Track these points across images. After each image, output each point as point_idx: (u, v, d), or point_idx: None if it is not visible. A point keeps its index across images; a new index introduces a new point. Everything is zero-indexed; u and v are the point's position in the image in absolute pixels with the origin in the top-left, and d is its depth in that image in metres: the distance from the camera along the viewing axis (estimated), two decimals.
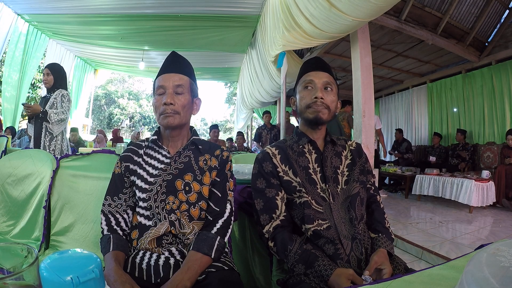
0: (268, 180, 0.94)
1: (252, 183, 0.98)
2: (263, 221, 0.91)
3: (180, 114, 0.90)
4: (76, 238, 1.19)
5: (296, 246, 0.84)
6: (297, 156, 0.97)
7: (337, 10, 2.45)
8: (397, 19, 3.93)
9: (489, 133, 5.24)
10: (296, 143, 1.00)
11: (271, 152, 0.98)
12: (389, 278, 0.47)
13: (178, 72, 0.92)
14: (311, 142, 0.99)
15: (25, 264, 0.34)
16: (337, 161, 0.98)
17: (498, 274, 0.30)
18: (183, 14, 4.31)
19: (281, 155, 0.97)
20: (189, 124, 1.00)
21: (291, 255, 0.83)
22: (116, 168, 0.94)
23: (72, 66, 6.53)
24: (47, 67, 2.44)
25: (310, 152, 0.98)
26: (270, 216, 0.91)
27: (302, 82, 0.99)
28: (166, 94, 0.89)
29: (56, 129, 2.39)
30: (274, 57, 3.83)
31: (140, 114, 21.25)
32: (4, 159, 1.41)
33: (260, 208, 0.93)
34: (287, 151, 0.98)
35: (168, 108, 0.88)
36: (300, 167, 0.95)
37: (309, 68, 0.99)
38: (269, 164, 0.95)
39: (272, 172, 0.94)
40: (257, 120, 13.10)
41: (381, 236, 0.90)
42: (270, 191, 0.93)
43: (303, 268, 0.81)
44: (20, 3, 4.33)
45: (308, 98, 0.96)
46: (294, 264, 0.82)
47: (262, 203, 0.93)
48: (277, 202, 0.92)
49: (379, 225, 0.94)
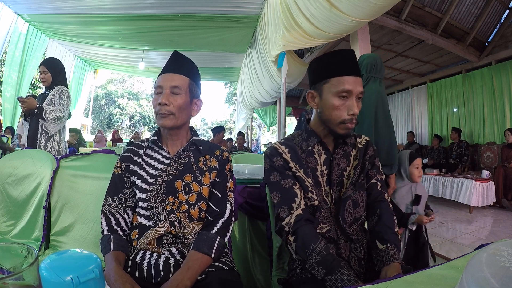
0: (282, 172, 0.88)
1: (266, 178, 0.92)
2: (282, 214, 0.84)
3: (175, 115, 0.88)
4: (76, 238, 1.19)
5: (320, 245, 0.76)
6: (306, 156, 0.91)
7: (337, 10, 2.45)
8: (397, 19, 3.93)
9: (489, 133, 5.24)
10: (305, 141, 0.93)
11: (280, 149, 0.91)
12: (389, 278, 0.47)
13: (177, 72, 0.91)
14: (321, 143, 0.92)
15: (25, 264, 0.34)
16: (345, 163, 0.93)
17: (498, 274, 0.30)
18: (183, 14, 4.31)
19: (291, 154, 0.90)
20: (189, 125, 0.99)
21: (313, 255, 0.75)
22: (116, 168, 0.94)
23: (72, 66, 6.54)
24: (42, 64, 2.21)
25: (320, 153, 0.92)
26: (290, 206, 0.83)
27: (335, 87, 0.83)
28: (162, 94, 0.88)
29: (52, 128, 2.18)
30: (274, 57, 3.83)
31: (140, 114, 21.25)
32: (4, 159, 1.41)
33: (277, 200, 0.86)
34: (296, 150, 0.91)
35: (162, 108, 0.87)
36: (309, 168, 0.90)
37: (345, 70, 0.83)
38: (279, 159, 0.89)
39: (284, 166, 0.88)
40: (257, 120, 13.12)
41: (390, 247, 0.83)
42: (286, 182, 0.86)
43: (322, 273, 0.73)
44: (20, 3, 4.33)
45: (344, 112, 0.83)
46: (314, 266, 0.75)
47: (279, 195, 0.86)
48: (296, 191, 0.85)
49: (389, 232, 0.86)
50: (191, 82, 0.93)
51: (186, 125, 0.96)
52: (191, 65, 0.96)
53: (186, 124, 0.95)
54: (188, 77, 0.92)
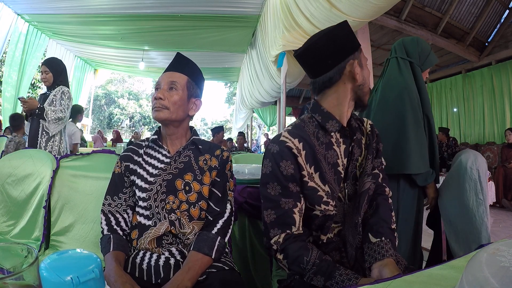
0: (286, 186, 0.72)
1: (261, 187, 0.76)
2: (272, 234, 0.74)
3: (169, 109, 0.89)
4: (76, 238, 1.19)
5: (313, 256, 0.70)
6: (325, 150, 0.75)
7: (337, 10, 2.45)
8: (397, 19, 3.94)
9: (489, 133, 5.24)
10: (321, 129, 0.76)
11: (294, 146, 0.72)
12: (389, 278, 0.47)
13: (176, 71, 0.94)
14: (342, 130, 0.78)
15: (25, 264, 0.34)
16: (358, 151, 0.81)
17: (498, 274, 0.30)
18: (183, 14, 4.31)
19: (306, 151, 0.73)
20: (188, 124, 0.99)
21: (308, 268, 0.69)
22: (116, 168, 0.94)
23: (72, 66, 6.54)
24: (44, 64, 2.23)
25: (338, 143, 0.78)
26: (283, 231, 0.73)
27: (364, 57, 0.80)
28: (159, 90, 0.92)
29: (53, 128, 2.19)
30: (274, 57, 3.83)
31: (140, 114, 21.26)
32: (4, 159, 1.41)
33: (270, 221, 0.74)
34: (312, 144, 0.74)
35: (157, 102, 0.90)
36: (329, 165, 0.75)
37: (360, 43, 0.80)
38: (290, 165, 0.71)
39: (294, 176, 0.72)
40: (257, 120, 13.11)
41: (384, 241, 0.74)
42: (286, 202, 0.72)
43: (322, 281, 0.68)
44: (20, 3, 4.33)
45: (368, 80, 0.79)
46: (311, 277, 0.69)
47: (274, 215, 0.73)
48: (295, 217, 0.73)
49: (384, 226, 0.78)
50: (190, 80, 0.95)
51: (185, 123, 0.96)
52: (193, 66, 0.99)
53: (184, 122, 0.96)
54: (187, 76, 0.95)
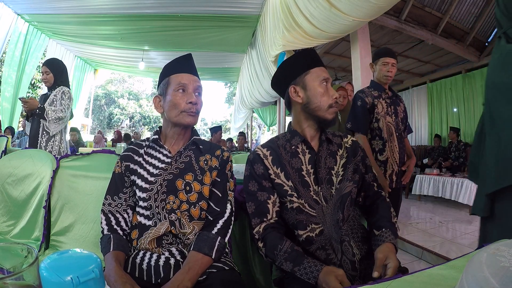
0: (260, 182, 0.91)
1: (244, 185, 0.95)
2: (253, 224, 0.90)
3: (199, 114, 0.94)
4: (76, 238, 1.19)
5: (286, 245, 0.82)
6: (290, 157, 0.93)
7: (337, 10, 2.45)
8: (397, 19, 3.93)
9: None
10: (289, 142, 0.95)
11: (262, 153, 0.94)
12: (389, 278, 0.47)
13: (195, 74, 0.95)
14: (304, 142, 0.95)
15: (25, 264, 0.34)
16: (332, 161, 0.94)
17: (498, 274, 0.30)
18: (183, 14, 4.30)
19: (273, 156, 0.93)
20: None
21: (281, 254, 0.81)
22: (117, 168, 0.94)
23: (72, 66, 6.53)
24: (44, 65, 2.24)
25: (304, 153, 0.94)
26: (261, 220, 0.89)
27: (318, 76, 0.92)
28: (188, 93, 0.91)
29: (53, 128, 2.20)
30: (274, 57, 3.83)
31: (140, 114, 21.25)
32: (4, 159, 1.41)
33: (251, 211, 0.91)
34: (279, 152, 0.94)
35: (193, 107, 0.90)
36: (293, 169, 0.91)
37: (318, 62, 0.94)
38: (260, 166, 0.92)
39: (264, 174, 0.91)
40: (257, 120, 13.10)
41: (385, 231, 0.85)
42: (262, 195, 0.90)
43: (290, 266, 0.78)
44: (20, 3, 4.33)
45: (328, 97, 0.91)
46: (282, 262, 0.80)
47: (253, 206, 0.91)
48: (268, 206, 0.89)
49: (384, 220, 0.89)
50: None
51: None
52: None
53: None
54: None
